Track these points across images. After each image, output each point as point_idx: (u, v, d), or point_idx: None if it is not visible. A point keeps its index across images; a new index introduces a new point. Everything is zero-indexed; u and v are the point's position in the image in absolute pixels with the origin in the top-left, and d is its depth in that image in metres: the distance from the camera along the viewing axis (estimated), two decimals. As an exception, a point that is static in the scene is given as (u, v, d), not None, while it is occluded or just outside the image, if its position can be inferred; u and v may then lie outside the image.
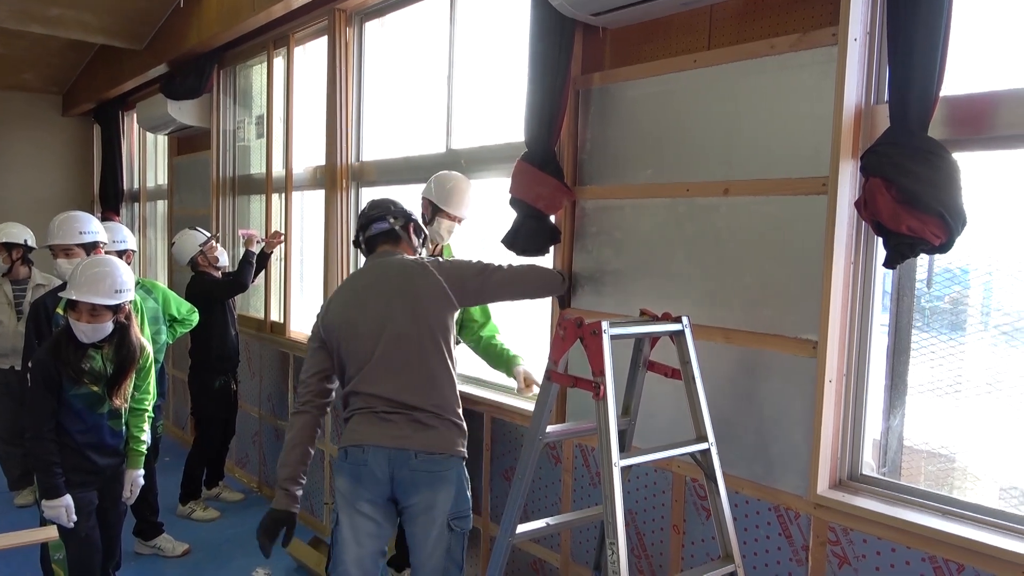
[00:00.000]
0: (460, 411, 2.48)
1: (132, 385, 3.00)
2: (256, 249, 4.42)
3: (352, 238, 2.70)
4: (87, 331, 2.80)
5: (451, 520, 2.40)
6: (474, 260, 2.60)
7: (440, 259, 2.58)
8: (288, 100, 4.76)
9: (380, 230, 2.61)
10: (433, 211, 3.08)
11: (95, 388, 2.87)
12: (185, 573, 3.82)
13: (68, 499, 2.80)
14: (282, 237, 4.59)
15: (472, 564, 3.39)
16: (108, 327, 2.84)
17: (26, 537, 2.64)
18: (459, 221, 3.12)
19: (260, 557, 3.93)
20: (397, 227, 2.61)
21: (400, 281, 2.48)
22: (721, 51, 2.33)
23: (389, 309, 2.43)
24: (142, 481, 3.12)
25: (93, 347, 2.86)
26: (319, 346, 2.54)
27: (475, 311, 3.23)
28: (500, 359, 3.15)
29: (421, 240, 2.70)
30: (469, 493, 2.48)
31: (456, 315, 2.54)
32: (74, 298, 2.76)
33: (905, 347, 2.12)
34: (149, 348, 3.12)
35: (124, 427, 3.01)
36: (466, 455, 2.46)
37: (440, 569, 2.41)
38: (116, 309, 2.84)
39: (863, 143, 2.02)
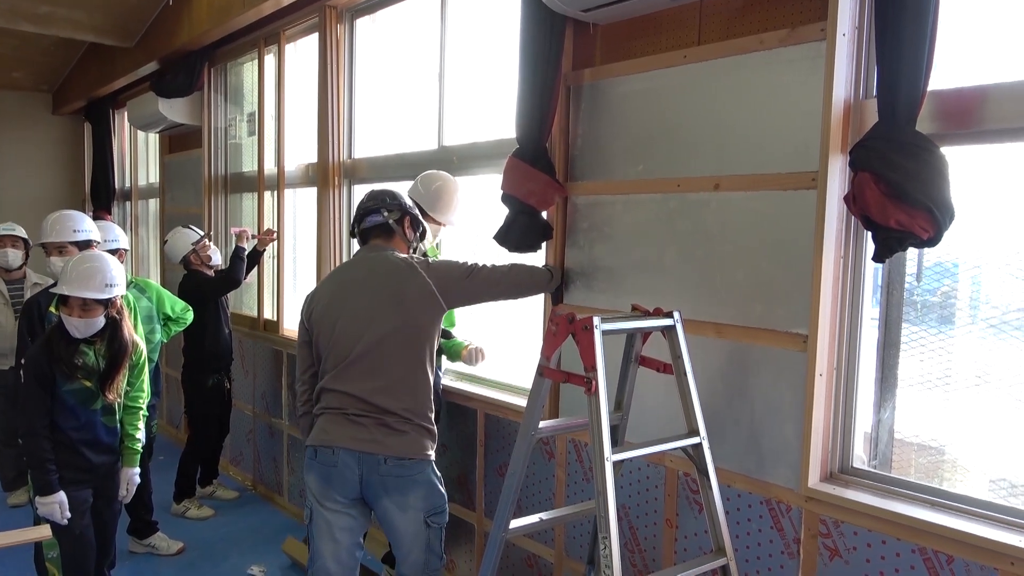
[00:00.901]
0: (432, 415, 2.47)
1: (125, 380, 3.00)
2: (247, 246, 4.40)
3: (349, 228, 2.68)
4: (79, 326, 2.81)
5: (427, 518, 2.41)
6: (461, 260, 2.59)
7: (428, 259, 2.56)
8: (280, 98, 4.75)
9: (374, 223, 2.57)
10: (420, 213, 3.05)
11: (88, 383, 2.87)
12: (180, 571, 3.82)
13: (61, 495, 2.80)
14: (275, 235, 4.58)
15: (466, 559, 3.40)
16: (100, 322, 2.85)
17: (19, 536, 2.63)
18: (444, 225, 3.11)
19: (254, 555, 3.96)
20: (391, 221, 2.57)
21: (387, 280, 2.45)
22: (711, 47, 2.33)
23: (374, 309, 2.42)
24: (138, 479, 3.13)
25: (85, 343, 2.86)
26: (307, 340, 2.54)
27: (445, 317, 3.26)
28: (454, 350, 3.24)
29: (419, 233, 2.66)
30: (442, 488, 2.48)
31: (443, 316, 2.52)
32: (66, 293, 2.77)
33: (895, 341, 2.13)
34: (142, 345, 3.12)
35: (118, 424, 3.01)
36: (434, 457, 2.46)
37: (421, 562, 2.44)
38: (107, 304, 2.85)
39: (852, 138, 2.03)
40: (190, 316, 4.16)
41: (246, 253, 4.37)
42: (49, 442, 2.80)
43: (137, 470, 3.11)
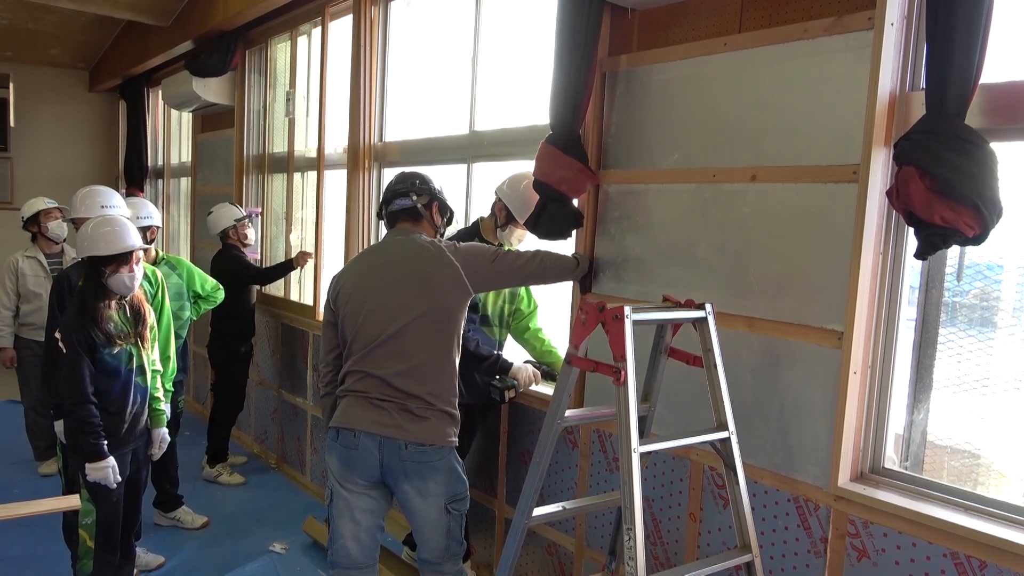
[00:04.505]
0: (456, 400, 2.46)
1: (153, 334, 3.10)
2: (300, 265, 4.69)
3: (376, 210, 2.69)
4: (133, 277, 2.90)
5: (448, 504, 2.41)
6: (485, 245, 2.58)
7: (456, 243, 2.55)
8: (293, 80, 4.75)
9: (402, 207, 2.57)
10: (507, 217, 2.97)
11: (122, 343, 2.93)
12: (203, 545, 3.87)
13: (112, 460, 2.85)
14: (310, 257, 4.71)
15: (487, 546, 3.41)
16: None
17: (53, 505, 2.68)
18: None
19: (277, 532, 4.00)
20: (419, 205, 2.56)
21: (415, 263, 2.45)
22: (752, 34, 2.28)
23: (402, 292, 2.42)
24: (168, 438, 3.21)
25: (111, 310, 2.92)
26: (332, 321, 2.55)
27: (524, 301, 3.26)
28: (549, 353, 3.25)
29: (446, 219, 2.66)
30: (464, 475, 2.47)
31: (469, 300, 2.51)
32: (124, 249, 2.84)
33: (932, 341, 2.09)
34: (167, 317, 3.21)
35: (147, 386, 3.07)
36: (457, 443, 2.45)
37: (442, 548, 2.44)
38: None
39: (897, 131, 1.98)
40: (221, 295, 4.21)
41: (289, 271, 4.72)
42: (97, 408, 2.83)
43: (166, 430, 3.19)
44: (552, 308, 3.29)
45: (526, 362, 3.10)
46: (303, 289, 5.14)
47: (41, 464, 4.77)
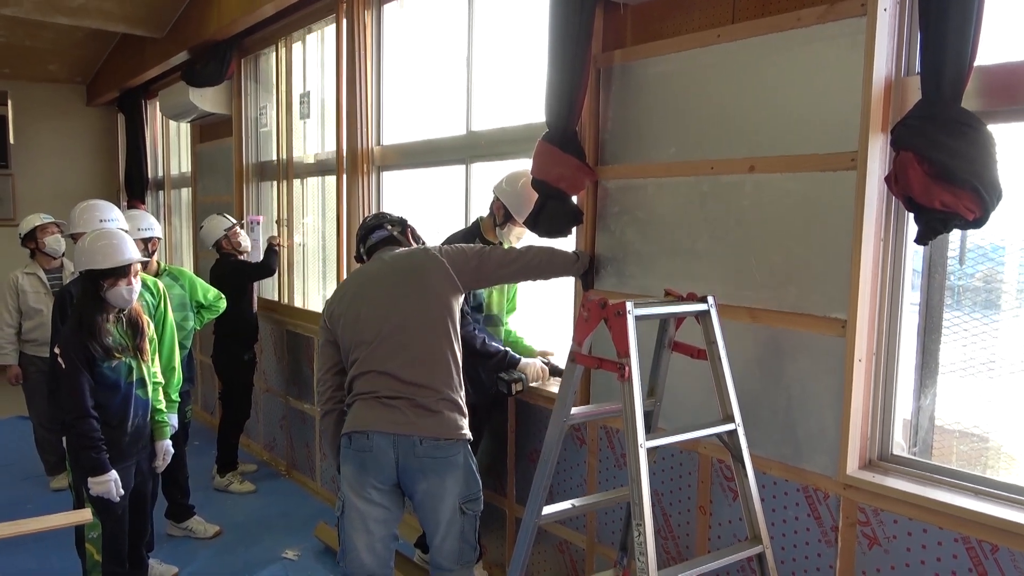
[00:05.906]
0: (462, 391, 2.48)
1: (152, 346, 3.10)
2: (259, 236, 4.81)
3: (354, 255, 2.76)
4: (131, 292, 2.88)
5: (463, 504, 2.40)
6: (470, 245, 2.65)
7: (440, 245, 2.62)
8: (290, 86, 4.75)
9: (380, 237, 2.68)
10: (505, 216, 3.00)
11: (121, 356, 2.93)
12: (216, 554, 3.88)
13: (115, 473, 2.85)
14: (278, 242, 4.78)
15: (498, 546, 3.41)
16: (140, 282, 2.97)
17: (63, 520, 2.69)
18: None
19: (289, 538, 4.01)
20: (395, 233, 2.69)
21: (406, 264, 2.53)
22: (746, 25, 2.28)
23: (396, 289, 2.47)
24: (172, 449, 3.21)
25: (108, 323, 2.91)
26: (328, 340, 2.57)
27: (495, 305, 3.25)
28: (515, 344, 3.26)
29: (420, 243, 2.77)
30: (478, 475, 2.47)
31: (461, 299, 2.54)
32: (122, 263, 2.84)
33: (936, 325, 2.08)
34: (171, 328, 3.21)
35: (149, 399, 3.07)
36: (470, 437, 2.45)
37: (456, 551, 2.43)
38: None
39: (893, 116, 1.97)
40: (223, 304, 4.22)
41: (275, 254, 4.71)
42: (98, 422, 2.83)
43: (169, 441, 3.19)
44: (554, 305, 3.29)
45: (535, 358, 3.11)
46: (307, 295, 5.15)
47: (52, 479, 4.79)
